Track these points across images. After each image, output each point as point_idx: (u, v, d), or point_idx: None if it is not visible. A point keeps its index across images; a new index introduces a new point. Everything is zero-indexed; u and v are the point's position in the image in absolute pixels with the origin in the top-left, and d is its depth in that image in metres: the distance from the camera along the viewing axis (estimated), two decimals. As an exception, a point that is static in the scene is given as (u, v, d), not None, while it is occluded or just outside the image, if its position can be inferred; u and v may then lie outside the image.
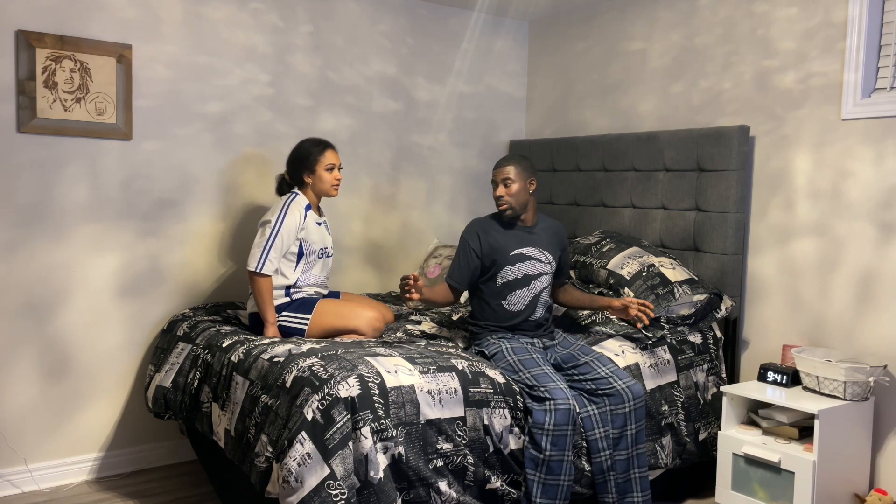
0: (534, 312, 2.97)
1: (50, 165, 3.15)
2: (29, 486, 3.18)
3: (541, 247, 3.00)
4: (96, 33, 3.21)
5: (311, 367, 2.40)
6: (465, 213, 4.39)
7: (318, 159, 3.15)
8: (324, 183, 3.17)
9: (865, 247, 3.02)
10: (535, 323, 2.99)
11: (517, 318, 2.95)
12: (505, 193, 2.93)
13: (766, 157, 3.35)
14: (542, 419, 2.57)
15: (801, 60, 3.22)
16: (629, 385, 2.76)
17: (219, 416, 2.70)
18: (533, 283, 2.96)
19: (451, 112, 4.32)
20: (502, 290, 2.95)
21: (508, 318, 2.95)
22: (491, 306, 2.97)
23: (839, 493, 2.85)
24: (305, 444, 2.23)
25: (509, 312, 2.95)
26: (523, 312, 2.95)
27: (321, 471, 2.20)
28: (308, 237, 3.12)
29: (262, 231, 3.05)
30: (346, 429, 2.26)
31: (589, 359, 2.87)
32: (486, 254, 2.95)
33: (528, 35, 4.57)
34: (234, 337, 2.87)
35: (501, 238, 2.97)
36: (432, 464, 2.39)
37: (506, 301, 2.94)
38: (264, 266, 2.99)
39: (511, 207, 2.95)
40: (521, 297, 2.95)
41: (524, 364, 2.74)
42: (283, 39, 3.70)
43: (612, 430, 2.72)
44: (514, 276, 2.94)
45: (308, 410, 2.26)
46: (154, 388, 3.04)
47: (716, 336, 3.27)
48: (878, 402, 2.98)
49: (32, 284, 3.15)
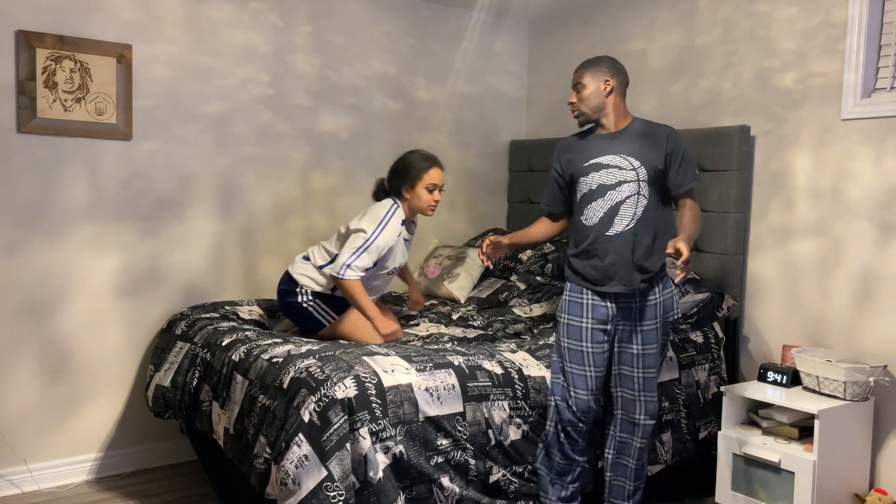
0: (610, 226, 2.62)
1: (50, 165, 3.15)
2: (29, 486, 3.18)
3: (623, 153, 2.64)
4: (96, 33, 3.21)
5: (308, 367, 2.39)
6: (465, 213, 4.39)
7: (420, 176, 3.04)
8: (421, 202, 3.06)
9: (865, 247, 3.02)
10: (615, 244, 2.61)
11: (592, 234, 2.64)
12: (575, 99, 2.71)
13: (766, 157, 3.35)
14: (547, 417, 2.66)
15: (801, 60, 3.22)
16: (645, 422, 2.70)
17: (219, 415, 2.70)
18: (609, 194, 2.62)
19: (451, 112, 4.31)
20: (580, 204, 2.69)
21: (586, 236, 2.67)
22: (576, 225, 2.73)
23: (839, 493, 2.85)
24: (302, 447, 2.22)
25: (586, 227, 2.67)
26: (597, 227, 2.63)
27: (318, 473, 2.20)
28: (391, 254, 3.04)
29: (355, 239, 2.96)
30: (343, 430, 2.25)
31: (633, 389, 2.70)
32: (566, 170, 2.74)
33: (528, 35, 4.57)
34: (233, 335, 2.87)
35: (578, 150, 2.73)
36: (433, 460, 2.39)
37: (583, 216, 2.67)
38: (347, 272, 2.92)
39: (581, 113, 2.70)
40: (596, 209, 2.64)
41: (566, 353, 2.68)
42: (283, 39, 3.70)
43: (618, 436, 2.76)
44: (589, 188, 2.66)
45: (305, 412, 2.26)
46: (154, 388, 3.04)
47: (717, 335, 3.27)
48: (878, 402, 2.98)
49: (32, 284, 3.14)
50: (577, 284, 2.69)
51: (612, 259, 2.61)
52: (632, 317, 2.65)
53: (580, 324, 2.67)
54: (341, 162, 3.93)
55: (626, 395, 2.70)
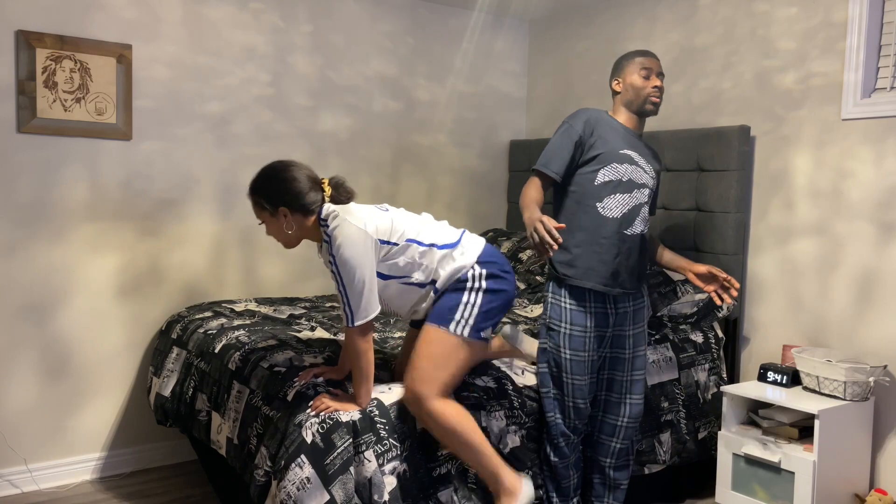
0: (631, 225, 2.56)
1: (50, 165, 3.15)
2: (29, 486, 3.18)
3: (646, 158, 2.63)
4: (96, 33, 3.21)
5: (315, 385, 2.36)
6: (465, 213, 4.39)
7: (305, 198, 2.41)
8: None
9: (865, 247, 3.02)
10: (628, 245, 2.55)
11: (610, 227, 2.53)
12: (663, 86, 2.63)
13: (766, 157, 3.35)
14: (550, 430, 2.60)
15: (801, 60, 3.22)
16: (627, 424, 2.67)
17: (219, 425, 2.67)
18: (635, 192, 2.56)
19: (451, 112, 4.31)
20: (600, 189, 2.53)
21: (600, 226, 2.53)
22: (582, 207, 2.54)
23: (839, 493, 2.85)
24: (304, 468, 2.16)
25: (602, 218, 2.52)
26: (618, 221, 2.53)
27: (321, 497, 2.14)
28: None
29: None
30: (347, 453, 2.20)
31: (619, 393, 2.67)
32: (591, 143, 2.54)
33: (528, 35, 4.57)
34: (222, 338, 2.84)
35: (612, 129, 2.59)
36: (434, 472, 2.35)
37: (601, 203, 2.52)
38: None
39: (659, 105, 2.65)
40: (620, 203, 2.54)
41: (570, 365, 2.57)
42: (283, 39, 3.70)
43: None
44: (618, 177, 2.54)
45: (307, 433, 2.20)
46: (154, 397, 3.04)
47: (717, 335, 3.27)
48: (878, 403, 2.98)
49: (32, 284, 3.14)
50: (578, 287, 2.55)
51: (622, 259, 2.56)
52: (627, 321, 2.65)
53: (584, 334, 2.56)
54: (341, 162, 3.93)
55: (612, 399, 2.69)
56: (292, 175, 2.31)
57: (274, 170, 2.34)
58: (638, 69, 2.62)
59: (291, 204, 2.29)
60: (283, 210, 2.30)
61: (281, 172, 2.32)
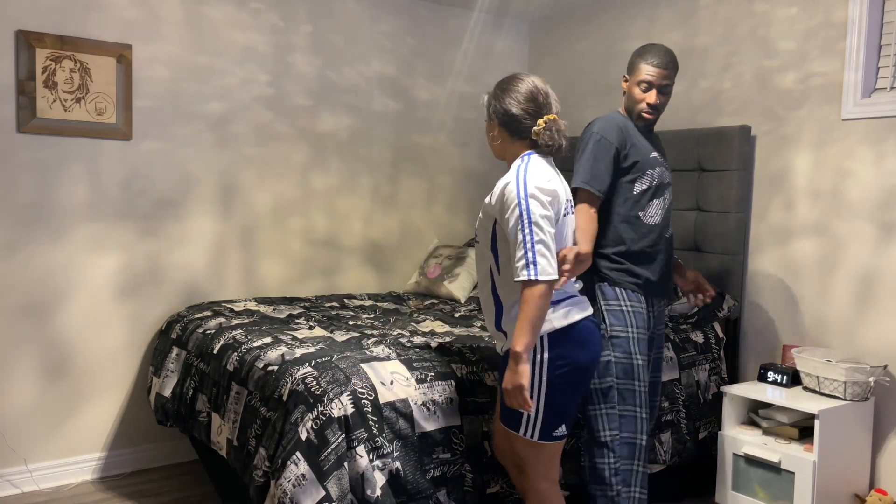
0: (667, 228, 2.55)
1: (50, 165, 3.15)
2: (29, 486, 3.18)
3: (662, 154, 2.60)
4: (96, 33, 3.21)
5: (305, 379, 2.33)
6: (466, 214, 4.39)
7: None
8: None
9: (865, 247, 3.02)
10: (666, 246, 2.53)
11: (653, 235, 2.50)
12: (661, 103, 2.48)
13: (766, 157, 3.35)
14: (604, 455, 2.44)
15: (801, 60, 3.22)
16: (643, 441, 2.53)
17: (219, 427, 2.67)
18: (665, 194, 2.54)
19: (451, 112, 4.31)
20: (641, 198, 2.47)
21: (644, 235, 2.49)
22: (626, 220, 2.48)
23: (839, 493, 2.85)
24: (300, 466, 2.18)
25: (647, 226, 2.48)
26: (659, 227, 2.51)
27: (316, 493, 2.16)
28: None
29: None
30: (341, 449, 2.21)
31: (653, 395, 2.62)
32: (627, 154, 2.46)
33: (528, 35, 4.57)
34: (220, 339, 2.84)
35: (636, 136, 2.51)
36: (430, 475, 2.35)
37: (645, 212, 2.47)
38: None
39: (651, 121, 2.52)
40: (658, 208, 2.51)
41: (641, 371, 2.42)
42: (283, 39, 3.70)
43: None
44: (652, 183, 2.49)
45: (302, 430, 2.21)
46: (155, 397, 3.05)
47: (718, 336, 3.27)
48: (878, 403, 2.98)
49: (32, 284, 3.14)
50: (632, 291, 2.48)
51: (663, 260, 2.54)
52: (660, 322, 2.65)
53: (646, 335, 2.50)
54: (341, 162, 3.93)
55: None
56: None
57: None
58: (640, 78, 2.50)
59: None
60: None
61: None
